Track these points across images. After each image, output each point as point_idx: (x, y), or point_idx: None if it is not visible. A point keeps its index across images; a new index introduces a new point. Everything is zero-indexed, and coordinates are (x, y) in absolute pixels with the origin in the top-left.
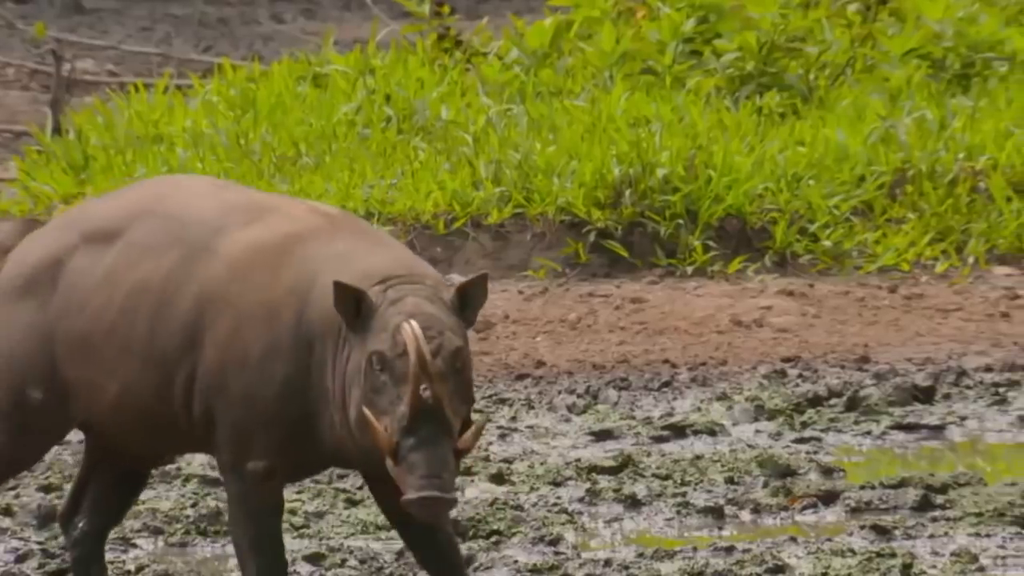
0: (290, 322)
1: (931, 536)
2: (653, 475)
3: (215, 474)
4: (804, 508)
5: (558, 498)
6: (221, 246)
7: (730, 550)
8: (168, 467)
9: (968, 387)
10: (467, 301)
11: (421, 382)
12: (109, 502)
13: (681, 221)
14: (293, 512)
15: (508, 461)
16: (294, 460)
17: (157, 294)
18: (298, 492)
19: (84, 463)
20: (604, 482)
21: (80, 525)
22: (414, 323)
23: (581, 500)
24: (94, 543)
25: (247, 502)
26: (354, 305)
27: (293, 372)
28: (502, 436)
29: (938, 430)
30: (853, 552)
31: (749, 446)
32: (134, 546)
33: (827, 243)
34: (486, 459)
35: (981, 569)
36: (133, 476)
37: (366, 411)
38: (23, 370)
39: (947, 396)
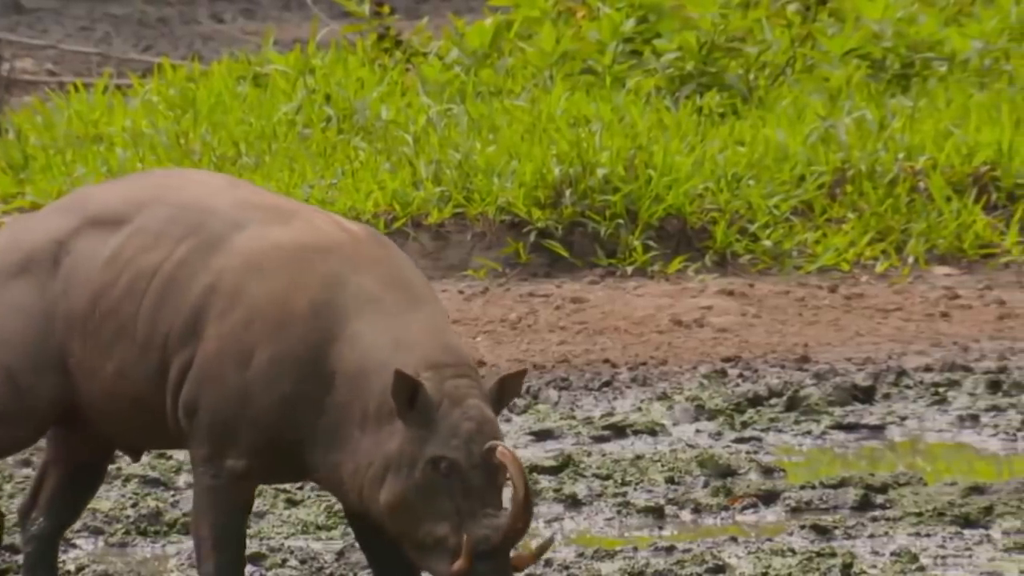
0: (308, 342)
1: (871, 536)
2: (593, 475)
3: (155, 474)
4: (744, 508)
5: None
6: (240, 241)
7: (670, 550)
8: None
9: (908, 387)
10: (504, 395)
11: (529, 513)
12: (65, 499)
13: (621, 221)
14: None
15: None
16: (275, 468)
17: (166, 281)
18: None
19: (44, 459)
20: (544, 482)
21: (38, 522)
22: (513, 453)
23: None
24: (49, 541)
25: (218, 497)
26: (410, 395)
27: (301, 392)
28: None
29: (878, 430)
30: (793, 552)
31: (689, 446)
32: (74, 546)
33: (767, 243)
34: None
35: (921, 569)
36: (89, 473)
37: (457, 536)
38: (14, 350)
39: (887, 396)
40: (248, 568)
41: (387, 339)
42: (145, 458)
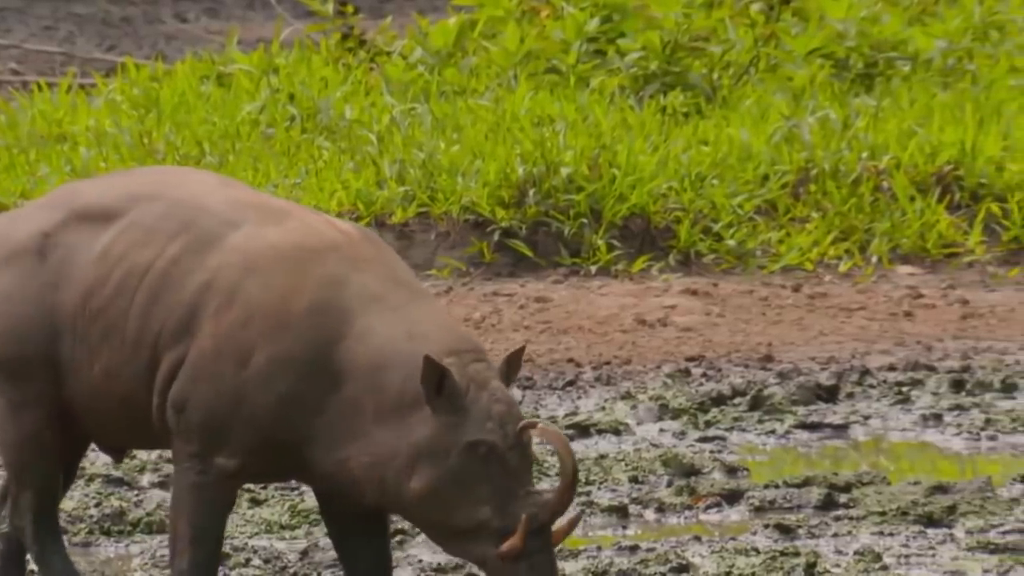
0: (309, 341)
1: (835, 535)
2: (557, 474)
3: (118, 474)
4: (708, 507)
5: None
6: (236, 240)
7: (634, 549)
8: None
9: (871, 386)
10: (511, 373)
11: (575, 487)
12: None
13: (585, 220)
14: None
15: None
16: (267, 468)
17: (159, 278)
18: None
19: None
20: None
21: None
22: (555, 429)
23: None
24: (19, 540)
25: (203, 494)
26: (438, 381)
27: (300, 391)
28: None
29: (841, 429)
30: (757, 551)
31: (653, 445)
32: None
33: (731, 242)
34: None
35: (884, 568)
36: (63, 473)
37: (500, 518)
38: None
39: (850, 395)
40: None
41: (400, 332)
42: (107, 458)
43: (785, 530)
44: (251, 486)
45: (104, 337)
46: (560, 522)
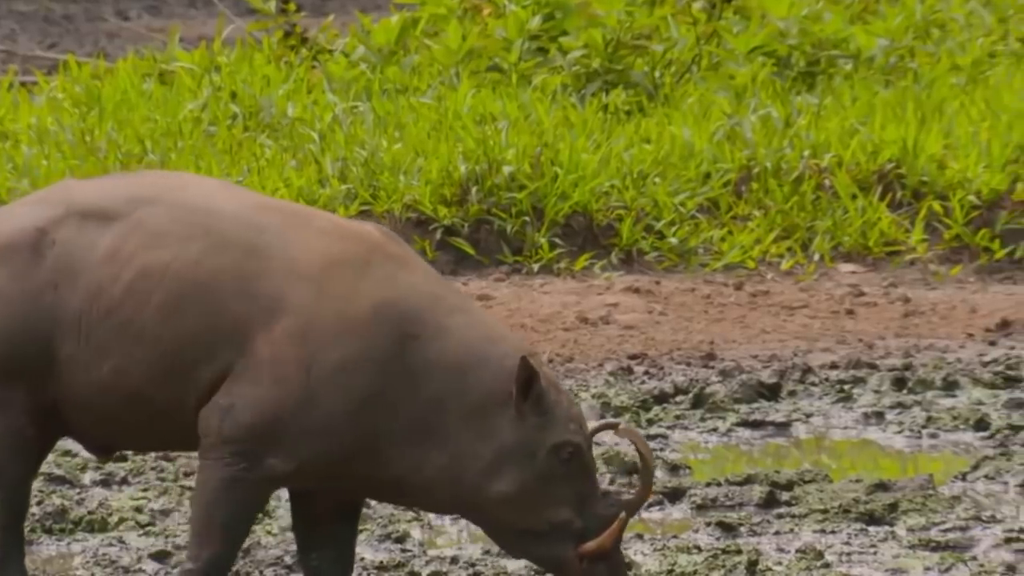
0: (383, 339)
1: (776, 533)
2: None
3: (60, 472)
4: (650, 505)
5: None
6: (271, 244)
7: None
8: None
9: (813, 384)
10: None
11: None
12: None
13: (527, 218)
14: (139, 510)
15: None
16: (324, 474)
17: (179, 280)
18: (144, 490)
19: None
20: None
21: None
22: (634, 428)
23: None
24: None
25: (241, 489)
26: (526, 384)
27: (378, 390)
28: None
29: (784, 427)
30: (699, 549)
31: (595, 443)
32: None
33: (673, 240)
34: None
35: (826, 565)
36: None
37: (580, 519)
38: None
39: (792, 393)
40: (154, 566)
41: (479, 333)
42: (50, 456)
43: (727, 528)
44: (192, 483)
45: (115, 337)
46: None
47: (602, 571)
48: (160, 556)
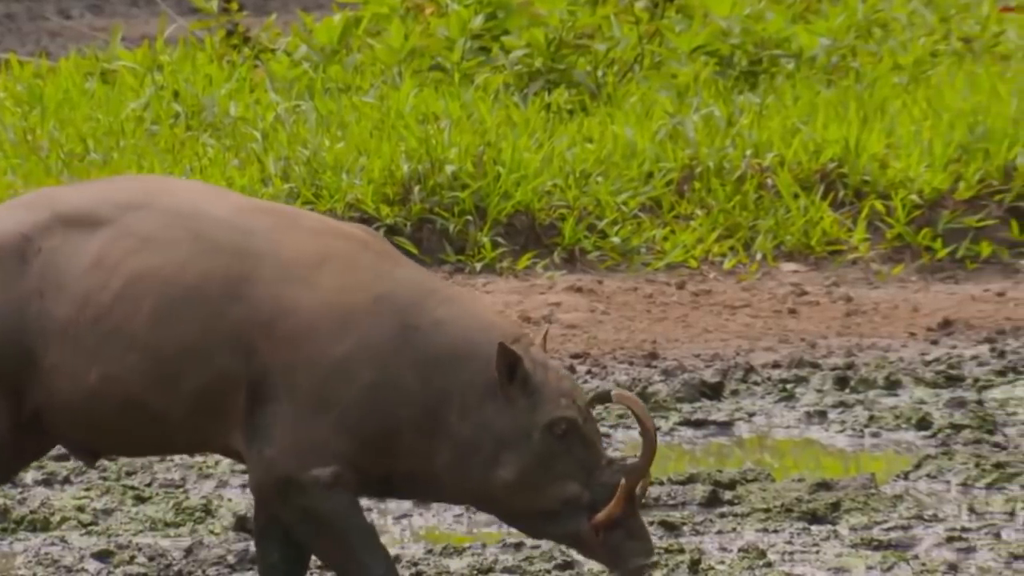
0: (387, 328)
1: (719, 532)
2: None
3: None
4: None
5: None
6: (260, 247)
7: (519, 546)
8: None
9: (756, 383)
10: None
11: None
12: None
13: (470, 217)
14: (81, 509)
15: None
16: (361, 469)
17: (168, 286)
18: (86, 489)
19: None
20: None
21: None
22: (630, 393)
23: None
24: None
25: (326, 511)
26: (511, 368)
27: (387, 378)
28: None
29: (726, 426)
30: None
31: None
32: None
33: (615, 240)
34: None
35: (769, 564)
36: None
37: (588, 491)
38: None
39: (735, 392)
40: (96, 565)
41: (469, 323)
42: None
43: (670, 527)
44: (134, 483)
45: (105, 343)
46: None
47: (620, 537)
48: (102, 555)
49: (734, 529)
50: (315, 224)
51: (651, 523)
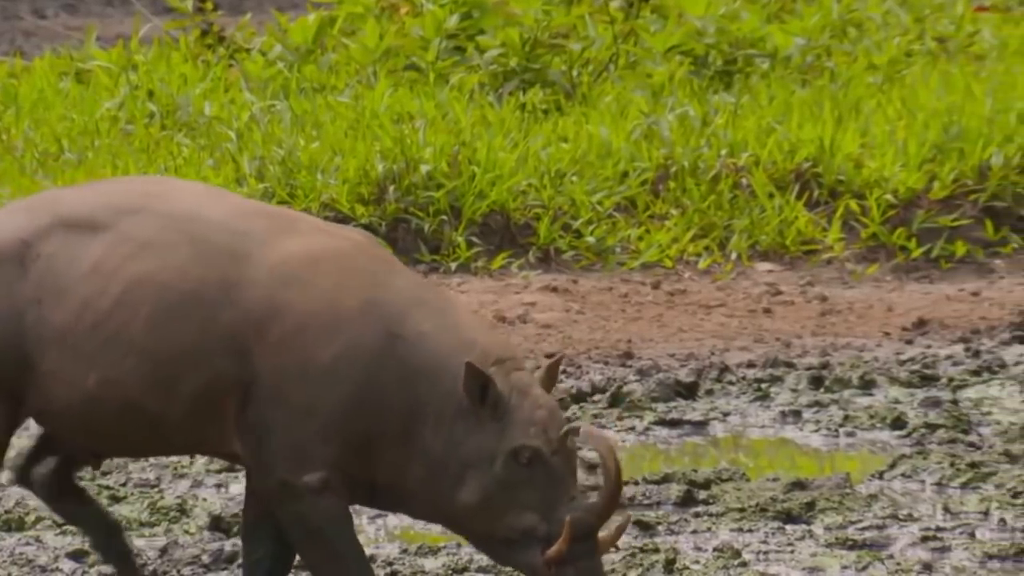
0: (372, 333)
1: (694, 531)
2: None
3: None
4: None
5: None
6: (256, 250)
7: None
8: None
9: (731, 383)
10: (550, 383)
11: (620, 492)
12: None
13: (445, 217)
14: None
15: None
16: (350, 475)
17: (166, 290)
18: None
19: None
20: None
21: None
22: (601, 432)
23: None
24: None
25: (314, 519)
26: (481, 389)
27: (370, 380)
28: None
29: (701, 426)
30: (616, 548)
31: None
32: None
33: (590, 239)
34: None
35: (744, 564)
36: None
37: (545, 524)
38: None
39: (710, 392)
40: (71, 565)
41: (451, 338)
42: None
43: (644, 527)
44: (109, 482)
45: (103, 349)
46: (607, 530)
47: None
48: (77, 555)
49: (709, 529)
50: (312, 227)
51: None
